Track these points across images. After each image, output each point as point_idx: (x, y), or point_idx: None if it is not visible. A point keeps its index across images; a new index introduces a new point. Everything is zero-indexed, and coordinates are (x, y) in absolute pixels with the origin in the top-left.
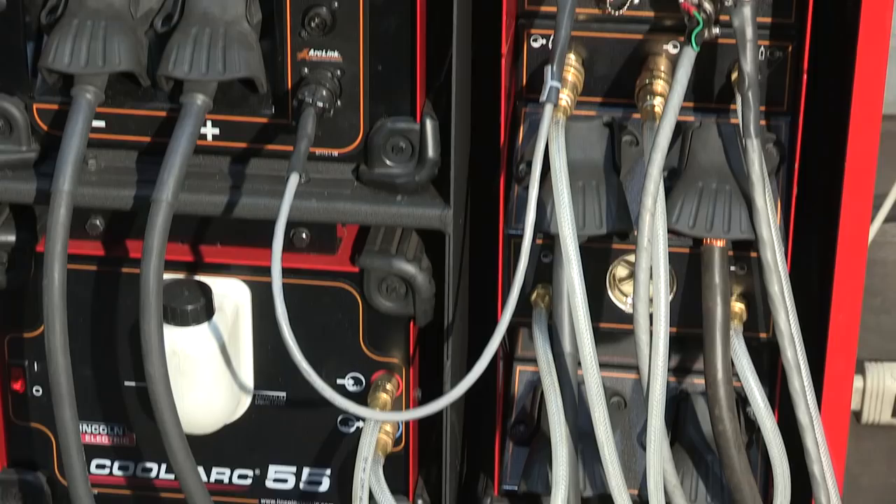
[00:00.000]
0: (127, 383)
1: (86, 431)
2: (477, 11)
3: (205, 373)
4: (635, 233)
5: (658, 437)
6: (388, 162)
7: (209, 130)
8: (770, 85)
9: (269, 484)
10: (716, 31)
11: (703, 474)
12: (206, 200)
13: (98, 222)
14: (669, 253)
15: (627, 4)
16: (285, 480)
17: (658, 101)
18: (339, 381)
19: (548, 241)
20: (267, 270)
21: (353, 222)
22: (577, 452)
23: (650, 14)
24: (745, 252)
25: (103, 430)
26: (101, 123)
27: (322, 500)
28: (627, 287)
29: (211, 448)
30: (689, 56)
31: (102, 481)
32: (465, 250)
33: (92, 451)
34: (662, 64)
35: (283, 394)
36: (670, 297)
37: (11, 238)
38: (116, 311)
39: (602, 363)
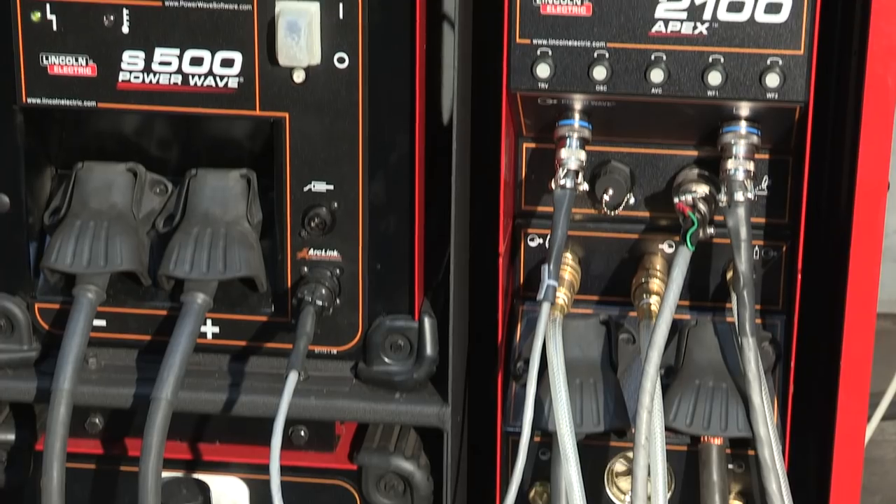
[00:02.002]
0: None
1: None
2: (475, 211)
3: None
4: (633, 430)
5: None
6: (386, 360)
7: (209, 329)
8: (765, 284)
9: None
10: (710, 230)
11: None
12: (206, 398)
13: (97, 420)
14: (667, 451)
15: (623, 205)
16: None
17: (654, 299)
18: None
19: (546, 439)
20: (265, 468)
21: (351, 420)
22: None
23: (645, 214)
24: (742, 450)
25: None
26: (101, 322)
27: None
28: (625, 483)
29: None
30: (684, 255)
31: None
32: (463, 447)
33: None
34: (658, 263)
35: None
36: (668, 495)
37: (11, 437)
38: None
39: None
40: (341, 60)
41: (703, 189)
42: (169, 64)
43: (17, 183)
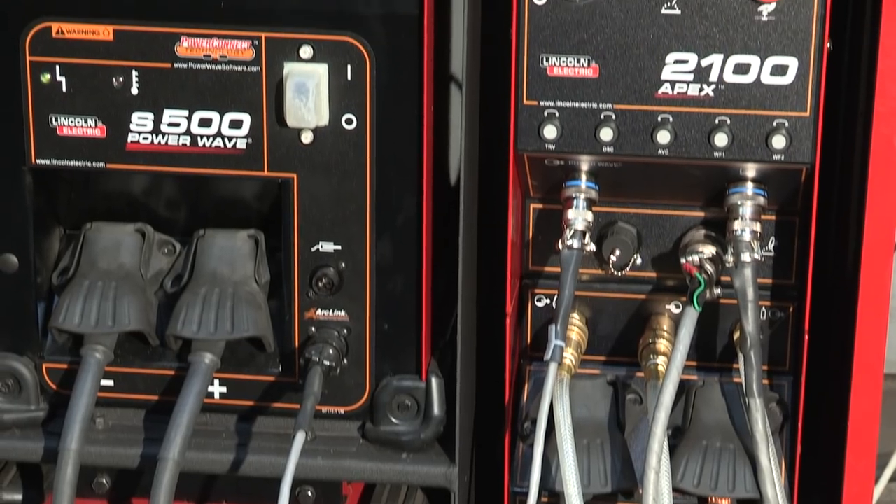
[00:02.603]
0: None
1: None
2: (482, 271)
3: None
4: (640, 491)
5: None
6: (393, 420)
7: (216, 389)
8: (772, 345)
9: None
10: (717, 291)
11: None
12: (213, 458)
13: (105, 480)
14: None
15: (630, 265)
16: None
17: (661, 360)
18: None
19: (553, 500)
20: None
21: (358, 480)
22: None
23: (652, 275)
24: None
25: None
26: (109, 382)
27: None
28: None
29: None
30: (691, 316)
31: None
32: None
33: None
34: (665, 323)
35: None
36: None
37: (18, 497)
38: None
39: None
40: (349, 121)
41: (709, 250)
42: (178, 125)
43: (26, 243)
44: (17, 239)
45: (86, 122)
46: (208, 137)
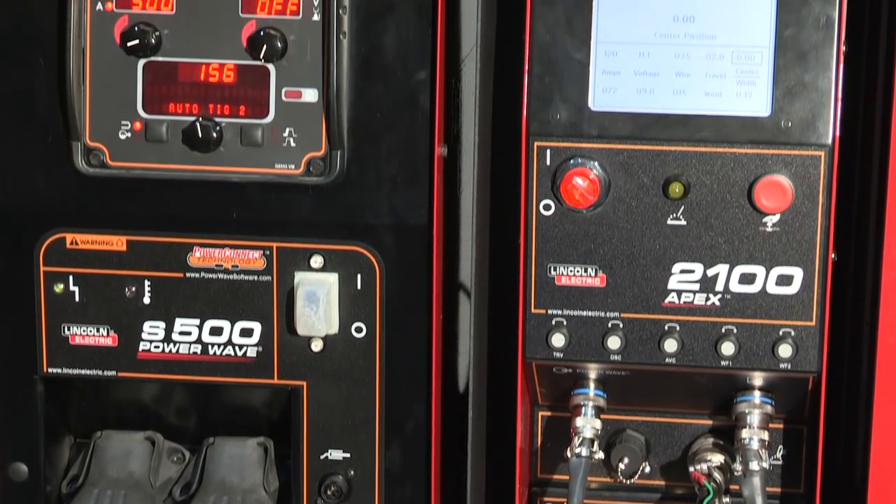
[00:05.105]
0: None
1: None
2: (491, 479)
3: None
4: None
5: None
6: None
7: None
8: None
9: None
10: (726, 500)
11: None
12: None
13: None
14: None
15: (639, 473)
16: None
17: None
18: None
19: None
20: None
21: None
22: None
23: (661, 483)
24: None
25: None
26: None
27: None
28: None
29: None
30: None
31: None
32: None
33: None
34: None
35: None
36: None
37: None
38: None
39: None
40: (359, 330)
41: (718, 458)
42: (189, 334)
43: (37, 452)
44: (28, 448)
45: (98, 331)
46: (219, 346)
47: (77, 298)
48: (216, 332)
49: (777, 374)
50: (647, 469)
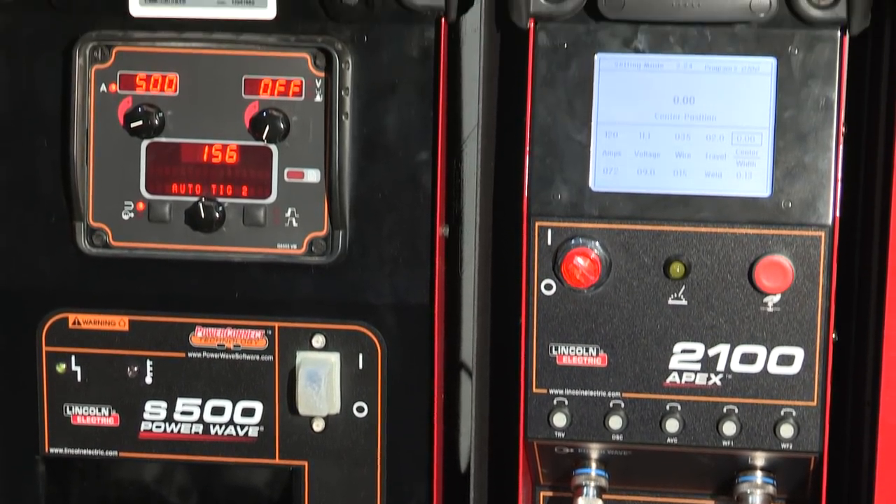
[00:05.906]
0: None
1: None
2: None
3: None
4: None
5: None
6: None
7: None
8: None
9: None
10: None
11: None
12: None
13: None
14: None
15: None
16: None
17: None
18: None
19: None
20: None
21: None
22: None
23: None
24: None
25: None
26: None
27: None
28: None
29: None
30: None
31: None
32: None
33: None
34: None
35: None
36: None
37: None
38: None
39: None
40: (360, 409)
41: None
42: (190, 413)
43: None
44: None
45: (100, 410)
46: (221, 426)
47: (79, 378)
48: (218, 411)
49: (779, 454)
50: None
